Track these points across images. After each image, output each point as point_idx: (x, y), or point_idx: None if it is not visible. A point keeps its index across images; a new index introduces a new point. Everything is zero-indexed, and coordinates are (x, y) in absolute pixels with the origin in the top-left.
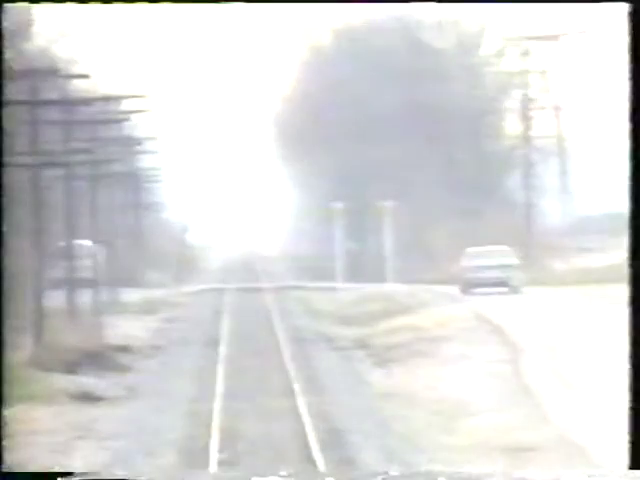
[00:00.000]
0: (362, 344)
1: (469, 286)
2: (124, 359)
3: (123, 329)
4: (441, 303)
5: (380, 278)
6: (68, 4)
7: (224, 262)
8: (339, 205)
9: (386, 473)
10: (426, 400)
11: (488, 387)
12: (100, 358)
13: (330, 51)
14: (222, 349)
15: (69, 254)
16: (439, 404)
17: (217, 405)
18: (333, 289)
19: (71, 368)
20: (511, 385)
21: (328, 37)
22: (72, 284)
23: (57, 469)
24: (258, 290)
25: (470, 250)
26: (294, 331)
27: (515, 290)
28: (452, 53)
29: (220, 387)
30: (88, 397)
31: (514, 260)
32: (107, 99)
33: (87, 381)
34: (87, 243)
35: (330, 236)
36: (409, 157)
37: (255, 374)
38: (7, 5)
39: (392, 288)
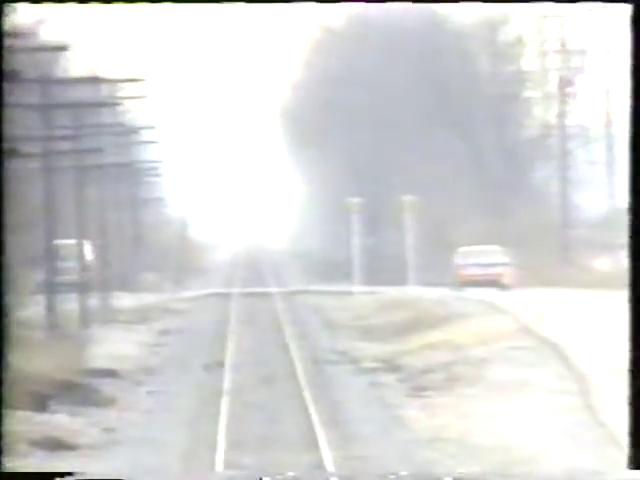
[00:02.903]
0: (391, 365)
1: (461, 285)
2: (108, 388)
3: (111, 345)
4: (478, 313)
5: (401, 280)
6: (68, 4)
7: (229, 261)
8: (356, 200)
9: (396, 474)
10: (481, 448)
11: (556, 428)
12: (78, 388)
13: (342, 31)
14: (226, 375)
15: (50, 255)
16: (498, 454)
17: (219, 459)
18: (350, 294)
19: (41, 403)
20: (585, 426)
21: (340, 17)
22: (52, 290)
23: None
24: (266, 295)
25: (462, 249)
26: (310, 349)
27: (506, 289)
28: (476, 33)
29: (223, 432)
30: (56, 445)
31: (506, 259)
32: (96, 81)
33: (58, 421)
34: (71, 242)
35: (345, 233)
36: (430, 147)
37: (266, 412)
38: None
39: (416, 293)
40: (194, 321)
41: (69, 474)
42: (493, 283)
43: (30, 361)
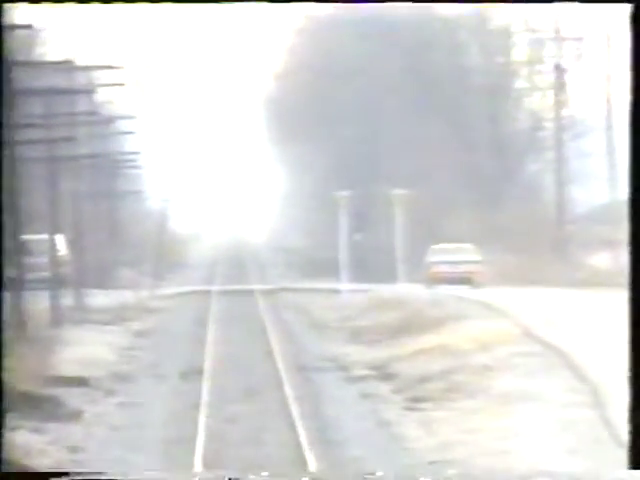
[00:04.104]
0: (384, 373)
1: (432, 282)
2: (75, 400)
3: (82, 349)
4: (475, 314)
5: (391, 278)
6: (68, 4)
7: (210, 256)
8: (344, 193)
9: (373, 474)
10: (492, 473)
11: (573, 448)
12: (42, 400)
13: (327, 18)
14: (205, 385)
15: (16, 250)
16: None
17: None
18: (337, 292)
19: None
20: (605, 444)
21: (325, 5)
22: (19, 287)
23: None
24: (249, 293)
25: (435, 246)
26: (296, 354)
27: (478, 287)
28: (466, 22)
29: (199, 453)
30: (12, 467)
31: (477, 257)
32: (70, 66)
33: (17, 439)
34: (43, 237)
35: (331, 228)
36: (420, 139)
37: (248, 430)
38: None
39: (408, 291)
40: (172, 321)
41: (65, 474)
42: (464, 281)
43: None
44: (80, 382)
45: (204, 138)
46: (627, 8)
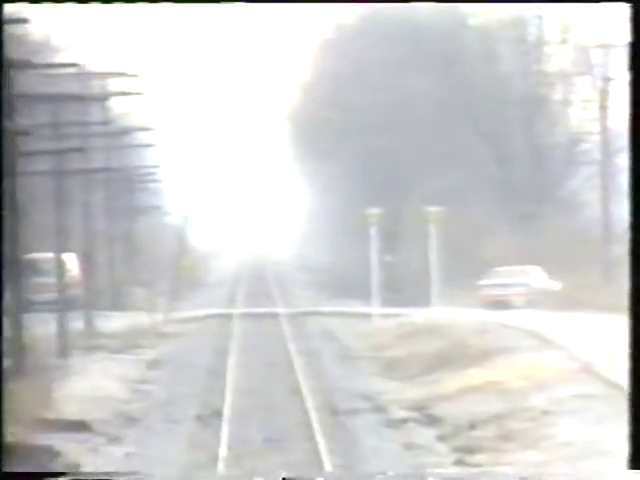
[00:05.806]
0: (426, 416)
1: (482, 306)
2: (74, 449)
3: (88, 382)
4: (525, 345)
5: (424, 301)
6: (67, 4)
7: (231, 276)
8: (374, 210)
9: (384, 473)
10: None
11: None
12: (36, 450)
13: (353, 27)
14: (224, 432)
15: (18, 270)
16: None
17: None
18: (368, 316)
19: None
20: None
21: (352, 13)
22: (21, 310)
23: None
24: (272, 317)
25: (496, 269)
26: (327, 392)
27: (521, 308)
28: (500, 28)
29: None
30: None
31: (525, 280)
32: (79, 68)
33: None
34: (50, 256)
35: (359, 246)
36: (453, 153)
37: None
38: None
39: (445, 317)
40: (189, 350)
41: (63, 474)
42: (503, 304)
43: None
44: (81, 427)
45: (225, 151)
46: (627, 8)
